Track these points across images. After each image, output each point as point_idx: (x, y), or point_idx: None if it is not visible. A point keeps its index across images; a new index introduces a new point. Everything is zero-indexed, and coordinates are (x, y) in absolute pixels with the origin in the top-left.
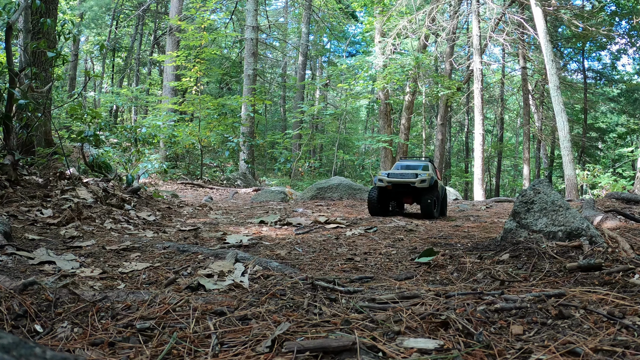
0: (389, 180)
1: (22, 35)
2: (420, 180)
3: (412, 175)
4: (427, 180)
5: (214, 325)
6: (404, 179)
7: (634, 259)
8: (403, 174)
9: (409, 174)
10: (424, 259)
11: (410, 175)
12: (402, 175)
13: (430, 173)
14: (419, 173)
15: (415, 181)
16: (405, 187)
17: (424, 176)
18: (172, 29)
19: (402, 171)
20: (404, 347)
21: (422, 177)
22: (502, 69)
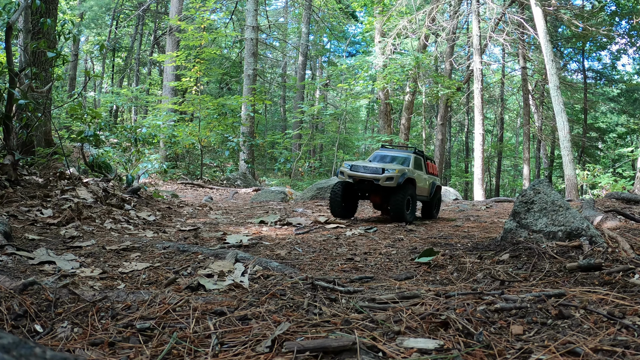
0: (350, 174)
1: (22, 35)
2: (387, 177)
3: (378, 170)
4: (394, 178)
5: (214, 325)
6: (367, 173)
7: (634, 259)
8: (368, 167)
9: (375, 169)
10: (424, 259)
11: (375, 170)
12: (366, 169)
13: (403, 169)
14: (387, 168)
15: (380, 178)
16: (369, 184)
17: (392, 172)
18: (172, 29)
19: (368, 164)
20: (404, 347)
21: (389, 174)
22: (502, 69)
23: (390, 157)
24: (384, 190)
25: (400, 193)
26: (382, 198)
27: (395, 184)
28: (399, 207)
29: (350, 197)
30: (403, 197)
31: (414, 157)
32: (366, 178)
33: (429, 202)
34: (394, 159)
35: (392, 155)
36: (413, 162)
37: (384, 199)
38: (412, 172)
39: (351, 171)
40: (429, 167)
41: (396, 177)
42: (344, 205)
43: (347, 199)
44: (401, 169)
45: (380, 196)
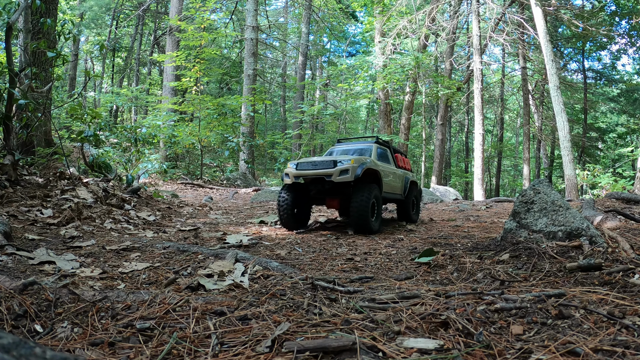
0: (297, 174)
1: (22, 35)
2: (340, 170)
3: (328, 163)
4: (350, 169)
5: (214, 325)
6: (316, 169)
7: (634, 259)
8: (317, 162)
9: (326, 162)
10: (424, 259)
11: (326, 164)
12: (315, 165)
13: (361, 159)
14: (340, 160)
15: (333, 172)
16: (322, 184)
17: (346, 164)
18: (172, 29)
19: (318, 159)
20: (404, 347)
21: (343, 166)
22: (502, 69)
23: (346, 151)
24: (341, 190)
25: (363, 192)
26: (341, 201)
27: (353, 177)
28: (361, 212)
29: (303, 203)
30: (367, 199)
31: (376, 147)
32: (316, 176)
33: (404, 201)
34: (355, 151)
35: (348, 148)
36: (375, 154)
37: (344, 202)
38: (375, 164)
39: (297, 170)
40: (399, 160)
41: (352, 168)
42: (293, 213)
43: (298, 206)
44: (358, 158)
45: (338, 198)
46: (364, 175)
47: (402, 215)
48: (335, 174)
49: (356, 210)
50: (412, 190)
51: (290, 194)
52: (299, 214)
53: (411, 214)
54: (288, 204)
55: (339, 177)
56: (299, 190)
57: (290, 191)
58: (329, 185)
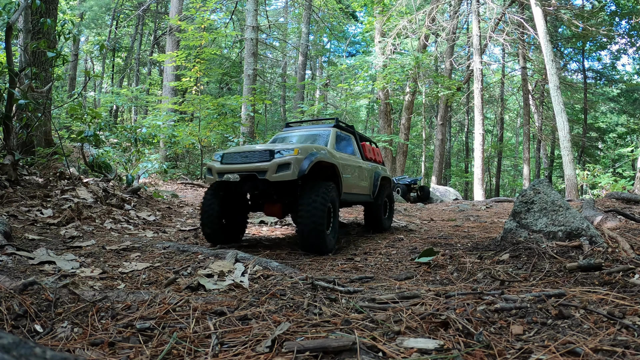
0: (222, 169)
1: (22, 35)
2: (278, 165)
3: (263, 154)
4: (292, 164)
5: (214, 325)
6: (246, 163)
7: (634, 259)
8: (248, 153)
9: (259, 153)
10: (424, 259)
11: (259, 155)
12: (245, 157)
13: (309, 147)
14: (280, 149)
15: (267, 167)
16: (252, 181)
17: (287, 155)
18: (172, 29)
19: (250, 148)
20: (404, 347)
21: (283, 158)
22: (502, 69)
23: (295, 138)
24: (283, 192)
25: (314, 195)
26: (284, 206)
27: (297, 174)
28: (311, 224)
29: (235, 208)
30: (320, 204)
31: (335, 132)
32: (246, 172)
33: (373, 204)
34: (300, 139)
35: (299, 134)
36: (333, 141)
37: (288, 206)
38: (332, 155)
39: (222, 164)
40: (366, 150)
41: (296, 161)
42: (221, 223)
43: (228, 213)
44: (305, 147)
45: (280, 203)
46: (315, 170)
47: (371, 221)
48: (272, 170)
49: (304, 220)
50: (384, 190)
51: (216, 196)
52: (229, 224)
53: (383, 219)
54: (213, 210)
55: (276, 174)
56: (230, 192)
57: (218, 193)
58: (264, 186)
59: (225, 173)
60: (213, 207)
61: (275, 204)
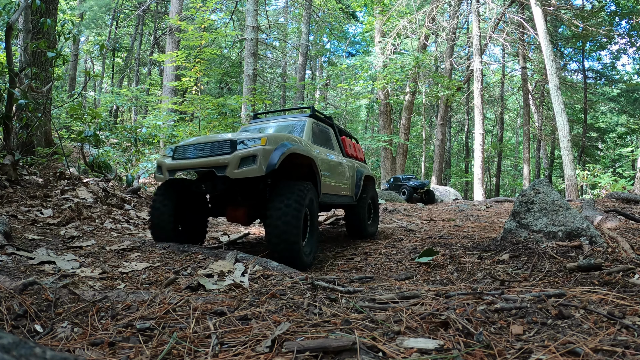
0: (174, 166)
1: (22, 35)
2: (242, 157)
3: (224, 146)
4: (259, 156)
5: (214, 325)
6: (201, 157)
7: (634, 259)
8: (205, 145)
9: (217, 145)
10: (424, 259)
11: (217, 148)
12: (201, 149)
13: (279, 137)
14: (243, 139)
15: (227, 161)
16: (211, 179)
17: (252, 145)
18: (172, 29)
19: (208, 139)
20: (404, 347)
21: (247, 150)
22: (502, 69)
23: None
24: (248, 193)
25: (287, 197)
26: (249, 211)
27: (265, 170)
28: (283, 234)
29: (192, 213)
30: (294, 209)
31: (312, 123)
32: (201, 168)
33: (356, 207)
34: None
35: (268, 126)
36: (309, 133)
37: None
38: (308, 148)
39: (174, 160)
40: (347, 145)
41: (264, 153)
42: (176, 229)
43: (185, 218)
44: (275, 136)
45: (245, 207)
46: (287, 166)
47: (354, 227)
48: (233, 164)
49: (274, 230)
50: (368, 190)
51: (169, 198)
52: (185, 231)
53: (366, 224)
54: (165, 214)
55: (238, 169)
56: (185, 192)
57: (170, 193)
58: (224, 184)
59: (178, 170)
60: (164, 211)
61: (239, 207)
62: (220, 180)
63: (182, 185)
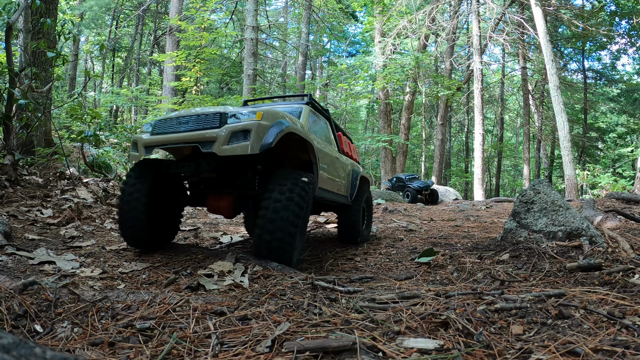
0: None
1: (22, 35)
2: (233, 132)
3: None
4: (253, 131)
5: (214, 325)
6: (184, 132)
7: (634, 259)
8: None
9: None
10: (424, 259)
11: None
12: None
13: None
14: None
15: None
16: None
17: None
18: (172, 29)
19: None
20: (404, 347)
21: (240, 124)
22: (502, 69)
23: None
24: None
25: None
26: (235, 201)
27: (259, 148)
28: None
29: (166, 201)
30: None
31: (309, 111)
32: (183, 143)
33: (351, 208)
34: None
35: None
36: (306, 119)
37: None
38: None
39: (153, 135)
40: (343, 142)
41: (258, 128)
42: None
43: (158, 205)
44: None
45: (230, 196)
46: (280, 150)
47: (347, 230)
48: (222, 140)
49: (270, 225)
50: (363, 193)
51: (144, 181)
52: (158, 221)
53: (360, 229)
54: (138, 201)
55: (228, 145)
56: (163, 175)
57: (146, 176)
58: (209, 165)
59: (156, 146)
60: (138, 197)
61: (223, 196)
62: (205, 160)
63: (158, 167)
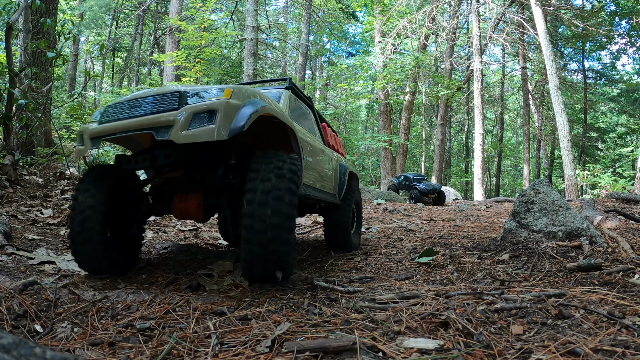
0: (100, 131)
1: (22, 35)
2: (194, 113)
3: (167, 100)
4: (218, 114)
5: (214, 325)
6: (134, 117)
7: (634, 259)
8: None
9: (161, 100)
10: (424, 259)
11: (160, 104)
12: (136, 107)
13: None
14: (196, 91)
15: (171, 120)
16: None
17: (209, 98)
18: (172, 29)
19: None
20: (404, 347)
21: (201, 105)
22: (502, 69)
23: None
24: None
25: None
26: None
27: (226, 134)
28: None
29: (126, 207)
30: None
31: (288, 95)
32: (135, 130)
33: (340, 209)
34: None
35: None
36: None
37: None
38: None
39: (102, 124)
40: (328, 135)
41: (226, 109)
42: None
43: (116, 216)
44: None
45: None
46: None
47: (335, 235)
48: (180, 123)
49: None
50: (353, 191)
51: (99, 189)
52: (118, 238)
53: (350, 234)
54: (93, 214)
55: (188, 130)
56: (122, 183)
57: (101, 183)
58: (168, 157)
59: (104, 136)
60: (94, 207)
61: (190, 194)
62: (163, 151)
63: (116, 169)
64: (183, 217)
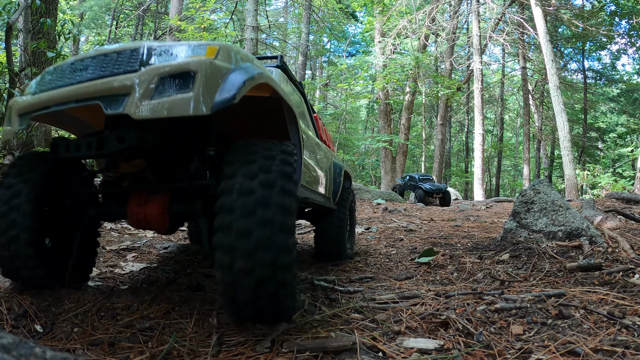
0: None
1: (22, 35)
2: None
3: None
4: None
5: (214, 325)
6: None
7: (634, 259)
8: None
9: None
10: (424, 259)
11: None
12: (82, 71)
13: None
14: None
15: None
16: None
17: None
18: (172, 29)
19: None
20: (404, 347)
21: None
22: (502, 69)
23: None
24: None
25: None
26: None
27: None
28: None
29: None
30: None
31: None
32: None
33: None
34: None
35: None
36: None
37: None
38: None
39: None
40: (320, 128)
41: (208, 72)
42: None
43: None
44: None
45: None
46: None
47: (328, 244)
48: (141, 92)
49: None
50: (348, 193)
51: (26, 185)
52: (57, 246)
53: (345, 242)
54: (19, 213)
55: (152, 99)
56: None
57: (30, 176)
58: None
59: (36, 111)
60: (20, 206)
61: (151, 197)
62: (116, 132)
63: (51, 157)
64: (140, 225)
